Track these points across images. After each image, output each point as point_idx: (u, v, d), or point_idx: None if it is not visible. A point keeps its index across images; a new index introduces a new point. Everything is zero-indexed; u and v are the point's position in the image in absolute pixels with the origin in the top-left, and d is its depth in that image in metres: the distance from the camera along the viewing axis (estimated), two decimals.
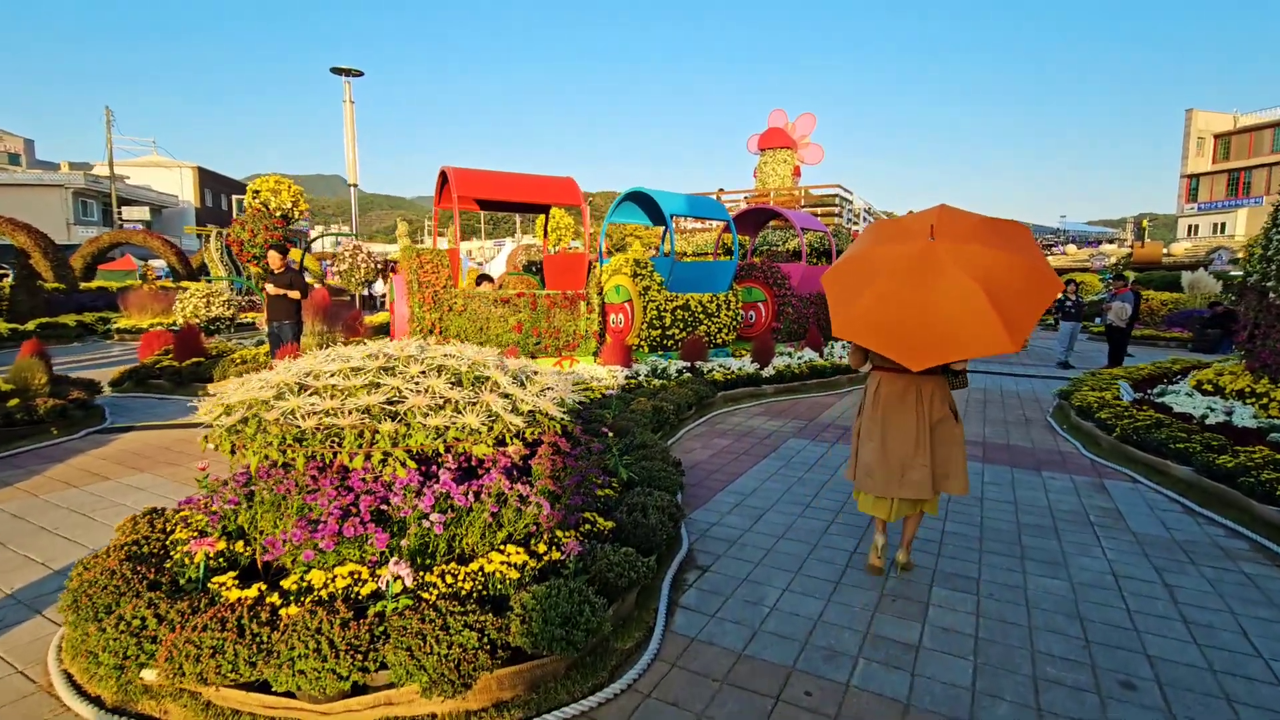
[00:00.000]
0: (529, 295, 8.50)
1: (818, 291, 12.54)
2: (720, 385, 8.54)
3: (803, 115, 23.56)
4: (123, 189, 51.19)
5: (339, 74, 13.92)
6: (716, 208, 10.35)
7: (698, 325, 10.12)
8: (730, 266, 10.53)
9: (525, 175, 8.62)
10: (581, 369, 8.27)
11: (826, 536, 4.31)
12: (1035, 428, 7.69)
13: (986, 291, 2.90)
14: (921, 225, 3.25)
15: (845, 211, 21.46)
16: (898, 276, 3.08)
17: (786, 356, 10.17)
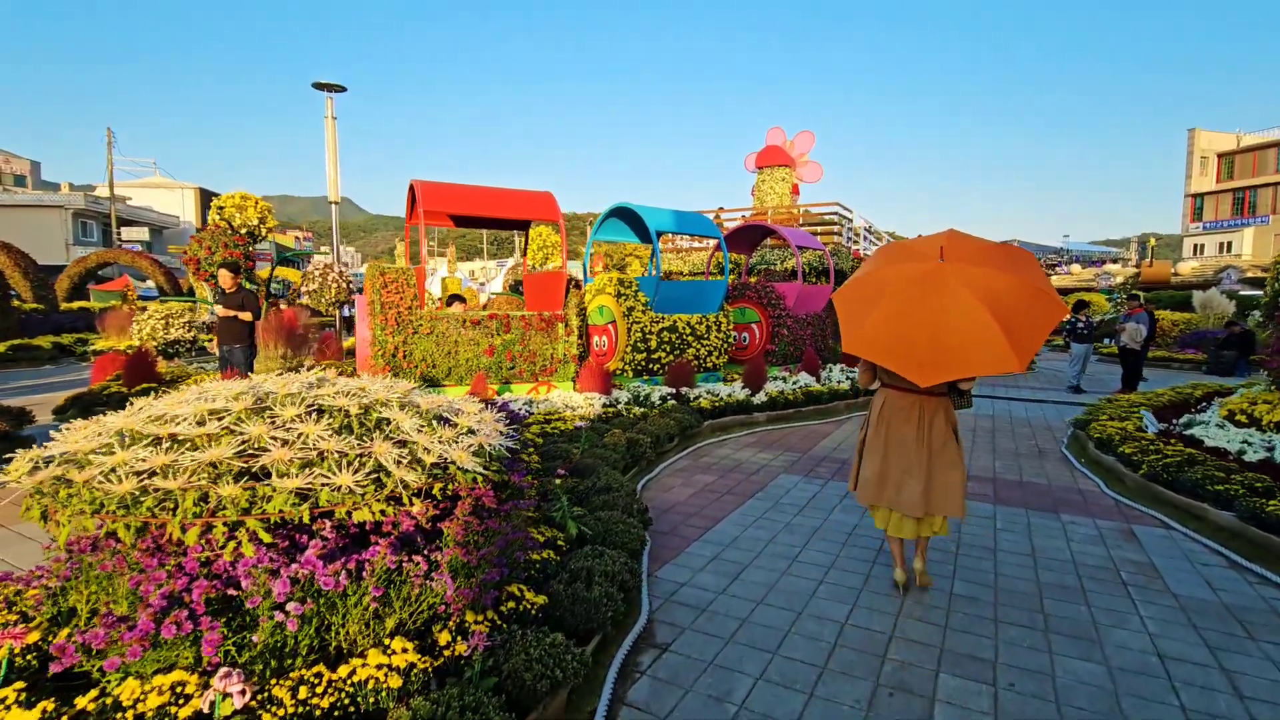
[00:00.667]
0: (501, 317, 7.93)
1: (814, 312, 11.97)
2: (707, 413, 7.92)
3: (801, 133, 23.19)
4: (124, 210, 51.24)
5: (321, 89, 13.53)
6: (707, 224, 9.83)
7: (686, 348, 9.53)
8: (721, 286, 9.97)
9: (499, 190, 8.12)
10: (557, 396, 7.67)
11: (814, 602, 3.66)
12: (1050, 461, 7.04)
13: (993, 312, 2.98)
14: (931, 247, 3.35)
15: (845, 230, 20.94)
16: (908, 296, 3.16)
17: (780, 381, 9.56)
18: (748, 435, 7.90)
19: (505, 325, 7.93)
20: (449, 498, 2.63)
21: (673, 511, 5.12)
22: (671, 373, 8.44)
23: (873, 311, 3.23)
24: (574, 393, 7.72)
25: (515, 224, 9.28)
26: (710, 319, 9.82)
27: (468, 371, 7.81)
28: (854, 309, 3.38)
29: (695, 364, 9.73)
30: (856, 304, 3.40)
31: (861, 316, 3.29)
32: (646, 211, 9.22)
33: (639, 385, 8.62)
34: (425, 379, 7.65)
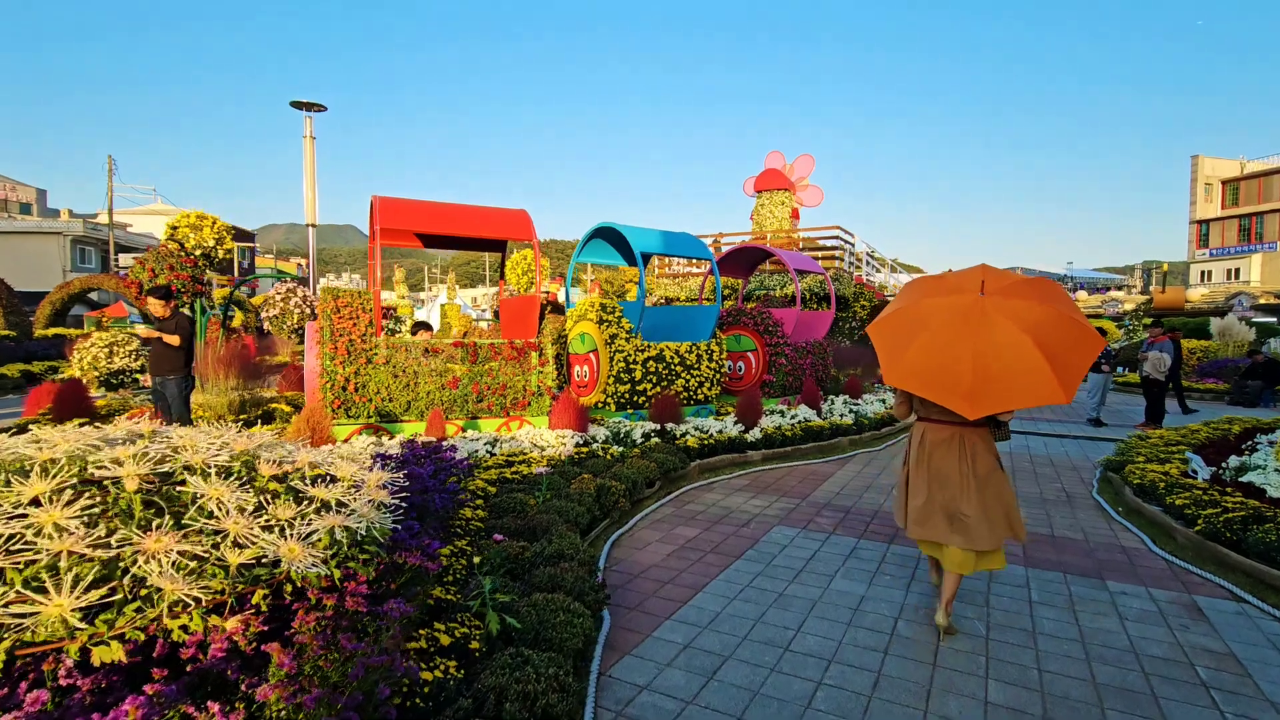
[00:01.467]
0: (468, 344, 7.19)
1: (815, 339, 11.21)
2: (695, 453, 7.12)
3: (801, 156, 22.71)
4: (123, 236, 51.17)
5: (299, 108, 13.01)
6: (697, 245, 9.15)
7: (674, 379, 8.76)
8: (712, 312, 9.23)
9: (468, 207, 7.46)
10: (526, 434, 6.89)
11: (811, 714, 2.84)
12: (1081, 508, 6.21)
13: (1037, 344, 3.01)
14: (970, 281, 3.39)
15: (847, 255, 20.31)
16: (949, 328, 3.19)
17: (778, 415, 8.76)
18: (740, 477, 7.09)
19: (471, 354, 7.18)
20: (284, 607, 1.84)
21: (644, 577, 4.30)
22: (656, 407, 7.65)
23: (913, 343, 3.25)
24: (546, 430, 6.93)
25: (489, 244, 8.61)
26: (701, 347, 9.06)
27: (429, 406, 7.05)
28: (893, 341, 3.39)
29: (685, 396, 8.95)
30: (895, 336, 3.40)
31: (901, 348, 3.30)
32: (631, 231, 8.54)
33: (620, 421, 7.84)
34: (381, 414, 6.88)
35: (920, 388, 3.20)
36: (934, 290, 3.50)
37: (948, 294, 3.39)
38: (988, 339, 3.06)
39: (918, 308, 3.41)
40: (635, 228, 8.73)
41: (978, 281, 3.35)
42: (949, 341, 3.15)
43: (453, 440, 6.69)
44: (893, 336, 3.41)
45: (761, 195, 21.76)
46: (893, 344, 3.38)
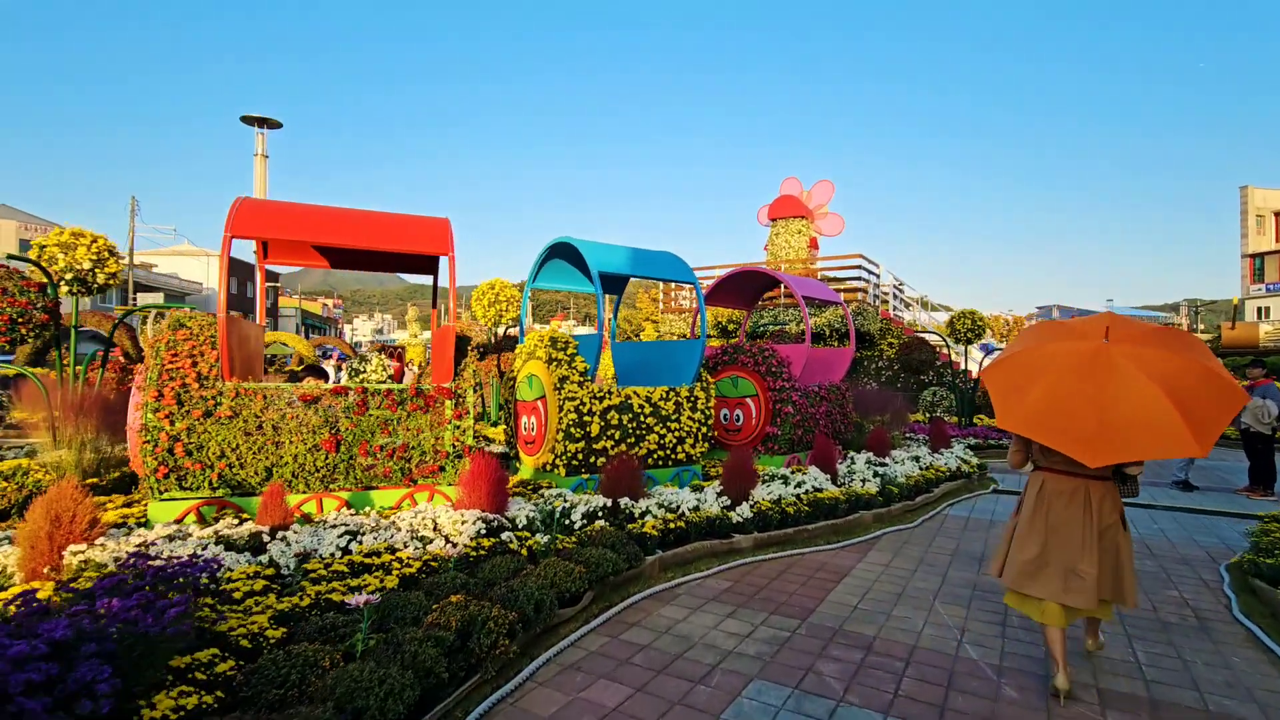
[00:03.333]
0: (355, 390, 5.39)
1: (830, 382, 9.21)
2: (656, 542, 5.15)
3: (820, 182, 20.99)
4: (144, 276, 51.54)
5: (250, 124, 11.68)
6: (675, 266, 7.33)
7: (645, 434, 6.84)
8: (695, 348, 7.33)
9: (369, 213, 5.79)
10: (422, 514, 5.01)
11: None
12: (1226, 641, 4.09)
13: (1168, 393, 2.95)
14: (1093, 327, 3.41)
15: (872, 288, 18.34)
16: (1073, 373, 3.16)
17: (779, 482, 6.75)
18: (718, 576, 5.10)
19: (360, 404, 5.38)
20: None
21: None
22: (607, 476, 5.71)
23: (1033, 388, 3.22)
24: (447, 508, 5.04)
25: (413, 264, 6.91)
26: (681, 393, 7.15)
27: (301, 473, 5.23)
28: (1010, 385, 3.36)
29: (660, 456, 7.01)
30: (1013, 380, 3.37)
31: (1020, 393, 3.27)
32: (589, 248, 6.76)
33: (561, 494, 5.90)
34: (231, 484, 5.08)
35: (1039, 433, 3.14)
36: (1055, 335, 3.49)
37: (1069, 339, 3.37)
38: (1114, 386, 3.03)
39: (1038, 352, 3.39)
40: (596, 243, 6.96)
41: (1101, 328, 3.36)
42: (1072, 388, 3.12)
43: (326, 520, 4.84)
44: (1010, 380, 3.37)
45: (776, 223, 20.03)
46: (1010, 388, 3.34)
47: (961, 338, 14.31)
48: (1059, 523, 3.38)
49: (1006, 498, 8.76)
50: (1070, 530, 3.34)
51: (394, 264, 7.04)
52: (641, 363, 8.18)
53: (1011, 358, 3.48)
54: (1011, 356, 3.49)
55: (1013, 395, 3.28)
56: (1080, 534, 3.32)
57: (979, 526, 7.12)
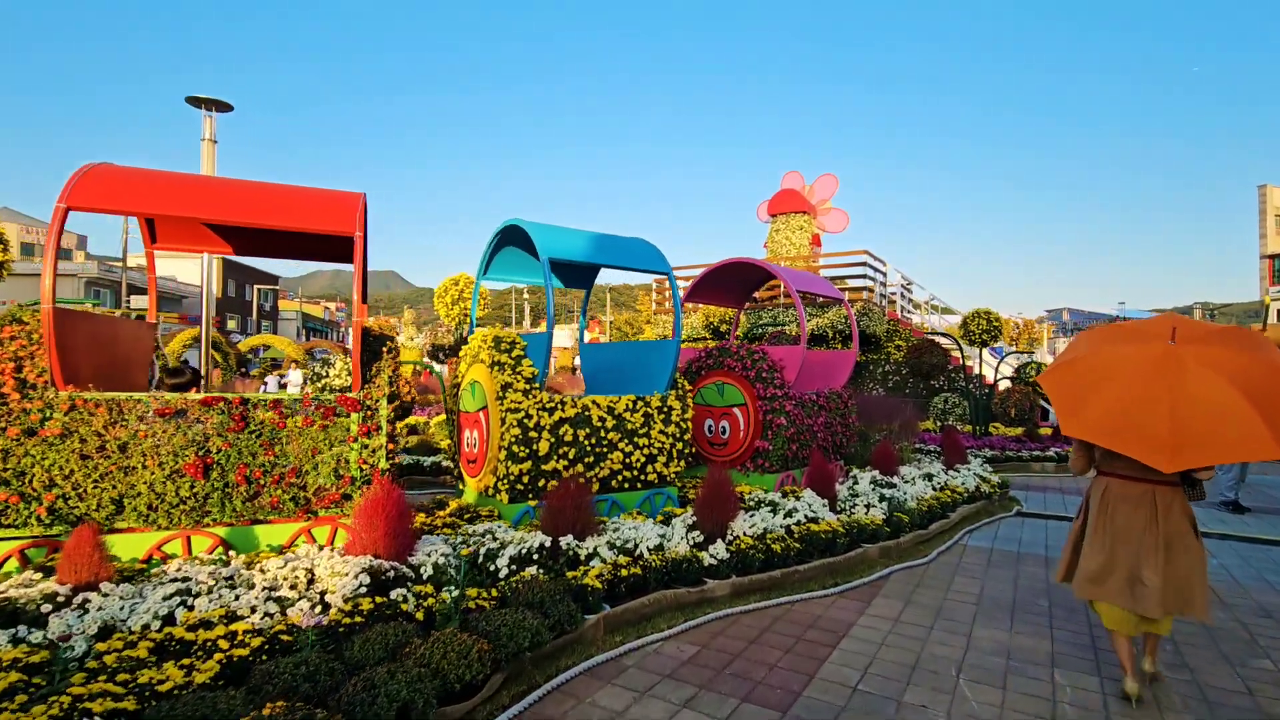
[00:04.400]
0: (233, 402, 4.34)
1: (830, 389, 8.10)
2: (602, 595, 4.06)
3: (822, 176, 19.88)
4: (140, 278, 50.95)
5: (196, 105, 10.68)
6: (644, 253, 6.24)
7: (607, 452, 5.76)
8: (669, 350, 6.23)
9: (260, 184, 4.73)
10: (291, 563, 3.93)
11: None
12: None
13: (1245, 393, 2.89)
14: (1157, 329, 3.32)
15: (878, 286, 17.18)
16: (1141, 376, 3.11)
17: (767, 510, 5.64)
18: (679, 640, 4.00)
19: (237, 418, 4.31)
20: None
21: None
22: (549, 508, 4.61)
23: (1097, 394, 3.19)
24: (335, 552, 3.95)
25: (323, 248, 5.83)
26: (652, 402, 6.06)
27: (161, 504, 4.17)
28: (1071, 391, 3.32)
29: (627, 478, 5.92)
30: (1074, 386, 3.33)
31: (1082, 398, 3.23)
32: (540, 231, 5.68)
33: (487, 531, 4.79)
34: (66, 519, 4.01)
35: (1110, 440, 3.07)
36: (1115, 338, 3.44)
37: (1133, 342, 3.30)
38: (1185, 389, 2.96)
39: (1098, 356, 3.35)
40: (549, 226, 5.88)
41: (1167, 329, 3.27)
42: (1142, 392, 3.04)
43: (169, 571, 3.78)
44: (1071, 386, 3.34)
45: (777, 219, 18.91)
46: (1072, 394, 3.30)
47: (976, 339, 13.14)
48: (1124, 529, 3.32)
49: (1033, 522, 7.63)
50: (1135, 536, 3.29)
51: (302, 247, 5.96)
52: (614, 367, 7.09)
53: (1071, 363, 3.41)
54: (1071, 362, 3.42)
55: (1077, 402, 3.23)
56: (1145, 540, 3.26)
57: (1005, 561, 6.00)
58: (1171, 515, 3.27)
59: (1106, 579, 3.33)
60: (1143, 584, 3.22)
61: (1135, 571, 3.26)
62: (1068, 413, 3.25)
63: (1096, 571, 3.38)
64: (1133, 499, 3.33)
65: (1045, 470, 11.52)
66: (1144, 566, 3.23)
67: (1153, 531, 3.26)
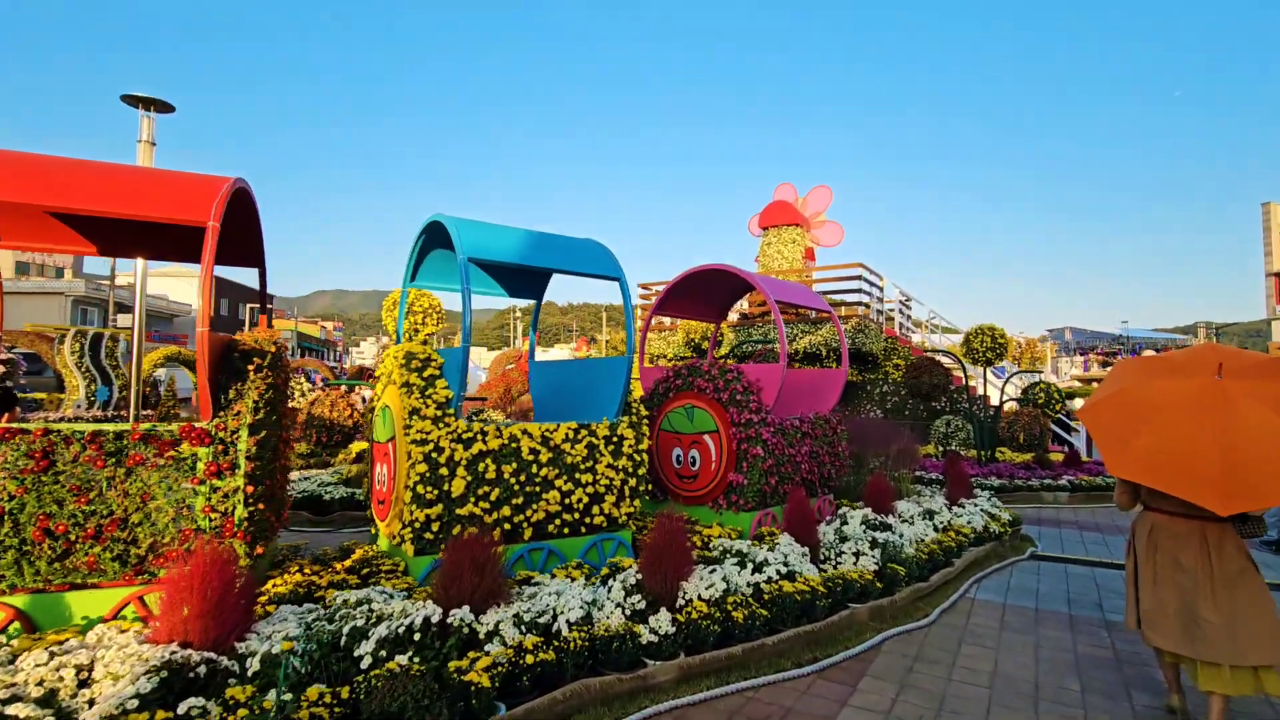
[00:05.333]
0: (32, 434, 3.39)
1: (816, 413, 7.13)
2: (492, 695, 3.06)
3: (816, 188, 19.08)
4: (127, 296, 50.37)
5: (133, 104, 9.84)
6: (591, 256, 5.28)
7: (541, 491, 4.78)
8: (619, 369, 5.27)
9: (103, 165, 3.86)
10: (63, 655, 2.94)
11: None
12: None
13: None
14: (1199, 361, 3.24)
15: (874, 302, 16.26)
16: (1186, 414, 3.02)
17: (733, 563, 4.63)
18: None
19: (38, 455, 3.37)
20: None
21: None
22: (444, 568, 3.62)
23: (1144, 430, 3.09)
24: (131, 639, 2.98)
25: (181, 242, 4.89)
26: (599, 431, 5.10)
27: None
28: (1116, 427, 3.23)
29: (568, 522, 4.94)
30: (1119, 421, 3.24)
31: (1128, 436, 3.13)
32: (462, 228, 4.75)
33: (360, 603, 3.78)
34: None
35: (1158, 480, 2.99)
36: (1158, 371, 3.35)
37: (1177, 376, 3.23)
38: (1235, 426, 2.87)
39: (1142, 390, 3.26)
40: (476, 223, 4.95)
41: (1210, 363, 3.20)
42: (1189, 430, 2.95)
43: None
44: (1115, 423, 3.25)
45: (769, 232, 18.06)
46: (1117, 430, 3.21)
47: (980, 358, 12.18)
48: (1173, 567, 3.23)
49: (1050, 568, 6.62)
50: (1187, 575, 3.17)
51: (159, 243, 5.03)
52: (563, 389, 6.14)
53: (1110, 398, 3.35)
54: (1112, 396, 3.35)
55: (1119, 439, 3.15)
56: (1199, 579, 3.13)
57: (1021, 622, 4.99)
58: (1225, 552, 3.12)
59: (1160, 623, 3.22)
60: (1199, 625, 3.07)
61: (1191, 613, 3.11)
62: (1113, 451, 3.13)
63: (1150, 615, 3.27)
64: (1182, 536, 3.22)
65: (1059, 501, 10.50)
66: (1200, 605, 3.08)
67: (1205, 569, 3.12)
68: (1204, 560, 3.14)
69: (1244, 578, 3.09)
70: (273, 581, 4.03)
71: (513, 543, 4.71)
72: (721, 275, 7.48)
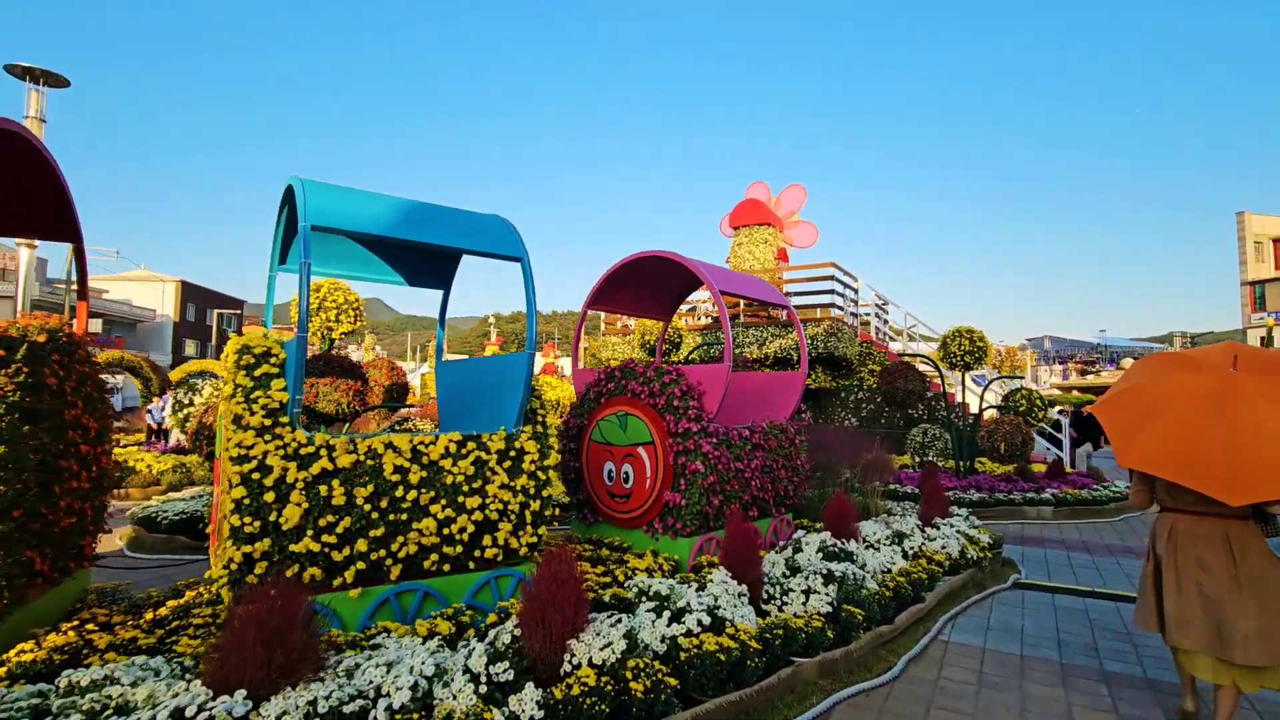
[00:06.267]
0: None
1: (770, 421, 6.24)
2: None
3: (790, 187, 18.35)
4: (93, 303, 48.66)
5: (18, 76, 8.75)
6: (486, 231, 4.34)
7: (413, 519, 3.83)
8: (517, 369, 4.33)
9: None
10: None
11: None
12: None
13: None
14: (1216, 358, 3.27)
15: (847, 303, 15.48)
16: (1199, 406, 3.05)
17: (649, 607, 3.70)
18: None
19: None
20: None
21: None
22: (224, 637, 2.66)
23: (1154, 422, 3.12)
24: None
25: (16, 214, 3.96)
26: (491, 444, 4.16)
27: None
28: (1128, 420, 3.24)
29: (450, 557, 3.98)
30: (1130, 415, 3.25)
31: (1139, 427, 3.15)
32: (311, 191, 3.81)
33: (111, 677, 2.81)
34: None
35: (1165, 469, 3.01)
36: (1174, 367, 3.35)
37: (1191, 371, 3.24)
38: (1248, 419, 2.89)
39: (1156, 385, 3.29)
40: (331, 186, 4.00)
41: (1227, 358, 3.23)
42: (1199, 421, 2.99)
43: None
44: (1127, 415, 3.28)
45: (740, 232, 17.26)
46: (1128, 424, 3.23)
47: (958, 362, 11.40)
48: (1198, 569, 3.16)
49: (1035, 598, 5.77)
50: (1217, 576, 3.10)
51: None
52: (467, 393, 5.18)
53: (1124, 392, 3.38)
54: (1124, 391, 3.39)
55: (1133, 431, 3.16)
56: (1225, 581, 3.07)
57: (1005, 674, 4.11)
58: (1249, 554, 3.10)
59: (1189, 625, 3.17)
60: (1231, 628, 3.04)
61: (1219, 615, 3.09)
62: (1123, 442, 3.17)
63: (1176, 617, 3.22)
64: (1202, 536, 3.20)
65: (1042, 516, 9.71)
66: (1230, 608, 3.05)
67: (1229, 569, 3.09)
68: (1228, 560, 3.10)
69: (1272, 578, 3.06)
70: (21, 647, 3.03)
71: (374, 584, 3.75)
72: (665, 264, 6.58)
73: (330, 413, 6.85)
